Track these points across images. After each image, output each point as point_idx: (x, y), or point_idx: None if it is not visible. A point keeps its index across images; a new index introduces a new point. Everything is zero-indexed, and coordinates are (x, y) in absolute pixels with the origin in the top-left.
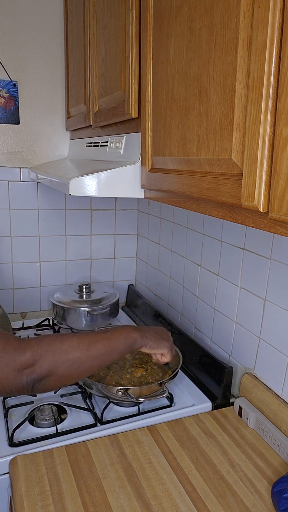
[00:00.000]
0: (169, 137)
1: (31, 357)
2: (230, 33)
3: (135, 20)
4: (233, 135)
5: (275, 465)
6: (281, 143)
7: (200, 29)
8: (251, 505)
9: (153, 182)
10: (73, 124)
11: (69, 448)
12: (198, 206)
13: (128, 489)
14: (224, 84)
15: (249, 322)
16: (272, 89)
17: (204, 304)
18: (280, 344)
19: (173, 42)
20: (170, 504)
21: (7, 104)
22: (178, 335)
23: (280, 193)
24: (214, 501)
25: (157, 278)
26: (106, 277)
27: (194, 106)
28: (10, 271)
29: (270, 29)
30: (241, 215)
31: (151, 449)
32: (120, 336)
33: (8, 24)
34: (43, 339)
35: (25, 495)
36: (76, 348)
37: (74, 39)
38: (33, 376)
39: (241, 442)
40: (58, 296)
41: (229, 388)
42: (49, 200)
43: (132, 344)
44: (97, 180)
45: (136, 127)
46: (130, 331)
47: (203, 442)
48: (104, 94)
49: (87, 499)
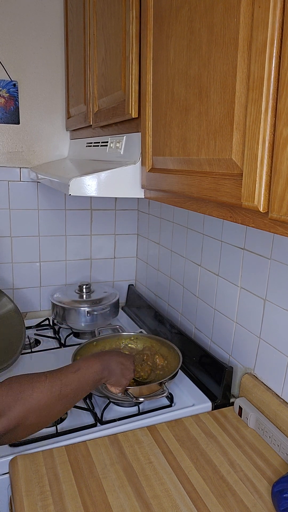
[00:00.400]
0: (169, 137)
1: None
2: (230, 33)
3: (135, 20)
4: (233, 135)
5: (275, 465)
6: (281, 143)
7: (200, 29)
8: (251, 505)
9: (153, 182)
10: (73, 124)
11: (69, 448)
12: (198, 206)
13: (128, 489)
14: (224, 84)
15: (249, 322)
16: (272, 89)
17: (204, 304)
18: (280, 344)
19: (173, 42)
20: (170, 504)
21: (7, 104)
22: (178, 335)
23: (280, 193)
24: (214, 501)
25: (157, 278)
26: (106, 277)
27: (194, 106)
28: (10, 271)
29: (270, 29)
30: (241, 215)
31: (151, 449)
32: (90, 375)
33: (8, 24)
34: (12, 386)
35: (25, 495)
36: (47, 394)
37: (74, 39)
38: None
39: (241, 442)
40: (58, 296)
41: (229, 388)
42: (49, 200)
43: (98, 382)
44: (97, 180)
45: (136, 127)
46: (99, 370)
47: (203, 442)
48: (104, 94)
49: (87, 499)
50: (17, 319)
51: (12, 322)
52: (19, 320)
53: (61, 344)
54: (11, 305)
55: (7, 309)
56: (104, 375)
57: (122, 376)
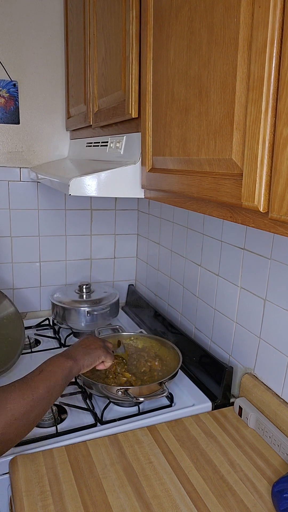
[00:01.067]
0: (169, 137)
1: None
2: (230, 33)
3: (135, 20)
4: (234, 135)
5: (275, 465)
6: (282, 143)
7: (200, 29)
8: (251, 505)
9: (153, 182)
10: (73, 124)
11: (69, 448)
12: (198, 206)
13: (128, 489)
14: (224, 84)
15: (249, 322)
16: (272, 89)
17: (204, 304)
18: (280, 344)
19: (173, 42)
20: (170, 504)
21: (7, 104)
22: (178, 335)
23: (280, 193)
24: (214, 501)
25: (157, 278)
26: (106, 277)
27: (194, 106)
28: (10, 271)
29: (270, 29)
30: (241, 215)
31: (151, 449)
32: (56, 371)
33: (8, 24)
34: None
35: (25, 495)
36: (21, 403)
37: (74, 39)
38: None
39: (241, 442)
40: (58, 296)
41: (229, 388)
42: (49, 200)
43: (69, 374)
44: (97, 180)
45: (136, 127)
46: (63, 362)
47: (203, 442)
48: (104, 94)
49: (87, 499)
50: (17, 322)
51: (12, 325)
52: (19, 324)
53: (61, 344)
54: (12, 309)
55: (8, 312)
56: (70, 364)
57: (92, 352)
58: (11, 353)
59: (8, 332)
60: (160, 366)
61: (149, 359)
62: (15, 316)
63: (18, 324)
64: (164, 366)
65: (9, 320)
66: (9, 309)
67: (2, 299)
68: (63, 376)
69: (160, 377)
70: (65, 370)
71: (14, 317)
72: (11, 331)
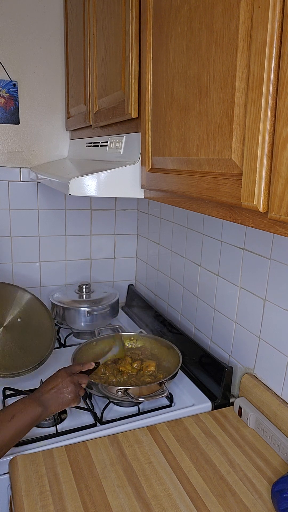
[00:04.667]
0: (169, 137)
1: None
2: (230, 33)
3: (135, 20)
4: (233, 135)
5: (275, 465)
6: (281, 143)
7: (200, 29)
8: (251, 505)
9: (153, 182)
10: (73, 124)
11: (69, 448)
12: (198, 206)
13: (128, 489)
14: (223, 84)
15: (249, 322)
16: (271, 89)
17: (204, 304)
18: (280, 344)
19: (173, 42)
20: (170, 504)
21: (7, 104)
22: (178, 335)
23: (280, 193)
24: (214, 501)
25: (157, 278)
26: (106, 277)
27: (194, 106)
28: (10, 271)
29: (269, 29)
30: (241, 215)
31: (151, 449)
32: (26, 418)
33: (8, 24)
34: None
35: (25, 495)
36: None
37: (74, 39)
38: None
39: (241, 442)
40: (58, 296)
41: (229, 388)
42: (49, 200)
43: (37, 420)
44: (97, 180)
45: (136, 127)
46: (34, 408)
47: (203, 442)
48: (104, 94)
49: (87, 499)
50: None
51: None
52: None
53: (61, 344)
54: (29, 295)
55: (28, 299)
56: (40, 411)
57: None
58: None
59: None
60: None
61: (144, 358)
62: (37, 301)
63: (42, 311)
64: (161, 368)
65: (31, 308)
66: (27, 296)
67: (15, 291)
68: (31, 423)
69: (153, 380)
70: (34, 417)
71: (37, 302)
72: (38, 318)
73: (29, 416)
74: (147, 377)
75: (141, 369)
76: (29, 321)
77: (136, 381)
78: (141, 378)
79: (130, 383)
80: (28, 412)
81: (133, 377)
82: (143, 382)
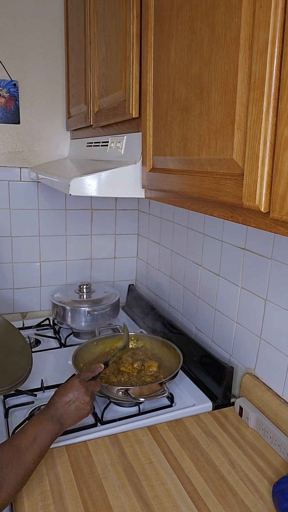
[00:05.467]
0: (170, 137)
1: None
2: (232, 32)
3: (136, 19)
4: (235, 135)
5: (275, 465)
6: (283, 143)
7: (201, 29)
8: (251, 505)
9: (153, 182)
10: (73, 124)
11: (69, 448)
12: (199, 206)
13: (129, 489)
14: (225, 84)
15: (250, 322)
16: (273, 89)
17: (204, 304)
18: (280, 344)
19: (174, 42)
20: (170, 504)
21: (8, 104)
22: (178, 335)
23: (281, 193)
24: (215, 501)
25: (157, 278)
26: (106, 277)
27: (195, 106)
28: (10, 271)
29: (271, 28)
30: (242, 215)
31: (151, 449)
32: (46, 437)
33: (9, 24)
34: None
35: (25, 495)
36: (9, 464)
37: (74, 38)
38: None
39: (242, 442)
40: (59, 296)
41: (230, 388)
42: (49, 200)
43: (56, 435)
44: (97, 180)
45: (136, 127)
46: (51, 425)
47: (204, 442)
48: (105, 94)
49: (88, 499)
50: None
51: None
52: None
53: (61, 344)
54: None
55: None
56: (57, 429)
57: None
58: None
59: (7, 342)
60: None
61: (145, 358)
62: (5, 323)
63: (10, 329)
64: (161, 368)
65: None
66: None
67: None
68: (51, 439)
69: (155, 380)
70: (54, 436)
71: (4, 324)
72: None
73: (50, 435)
74: (148, 377)
75: (143, 369)
76: (1, 342)
77: (137, 381)
78: (141, 378)
79: (131, 383)
80: (48, 431)
81: (133, 377)
82: (143, 382)
